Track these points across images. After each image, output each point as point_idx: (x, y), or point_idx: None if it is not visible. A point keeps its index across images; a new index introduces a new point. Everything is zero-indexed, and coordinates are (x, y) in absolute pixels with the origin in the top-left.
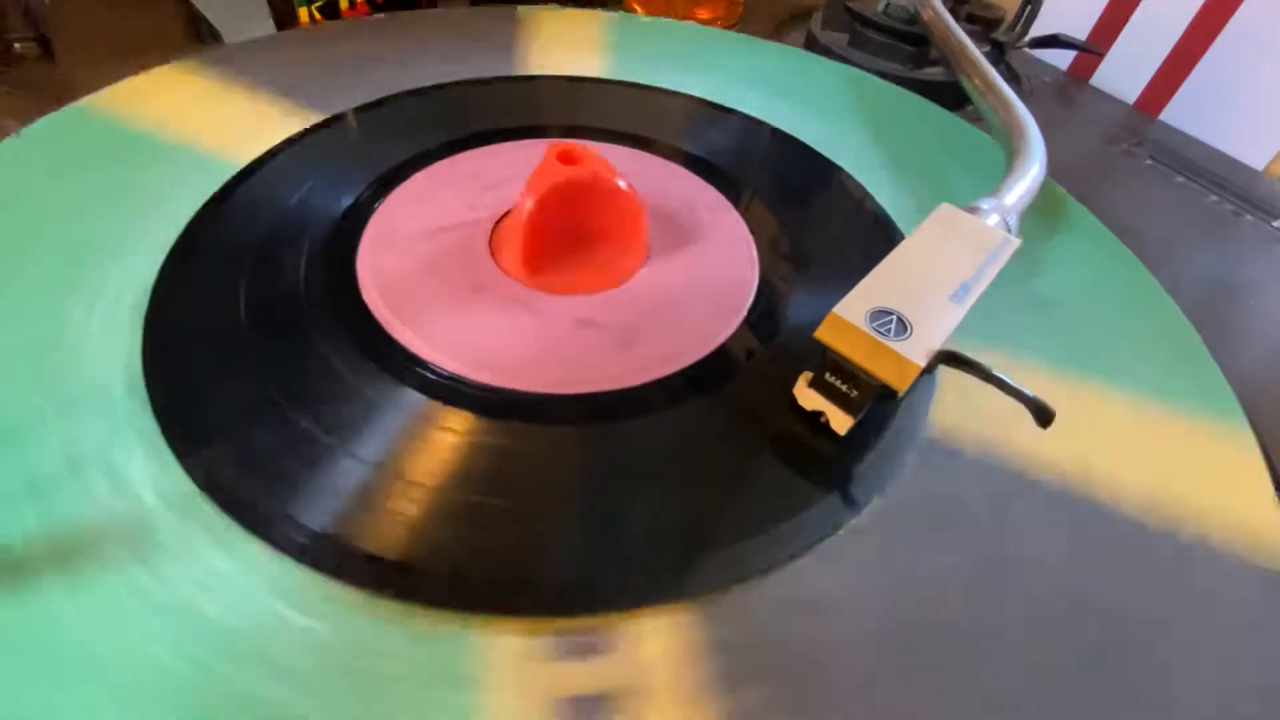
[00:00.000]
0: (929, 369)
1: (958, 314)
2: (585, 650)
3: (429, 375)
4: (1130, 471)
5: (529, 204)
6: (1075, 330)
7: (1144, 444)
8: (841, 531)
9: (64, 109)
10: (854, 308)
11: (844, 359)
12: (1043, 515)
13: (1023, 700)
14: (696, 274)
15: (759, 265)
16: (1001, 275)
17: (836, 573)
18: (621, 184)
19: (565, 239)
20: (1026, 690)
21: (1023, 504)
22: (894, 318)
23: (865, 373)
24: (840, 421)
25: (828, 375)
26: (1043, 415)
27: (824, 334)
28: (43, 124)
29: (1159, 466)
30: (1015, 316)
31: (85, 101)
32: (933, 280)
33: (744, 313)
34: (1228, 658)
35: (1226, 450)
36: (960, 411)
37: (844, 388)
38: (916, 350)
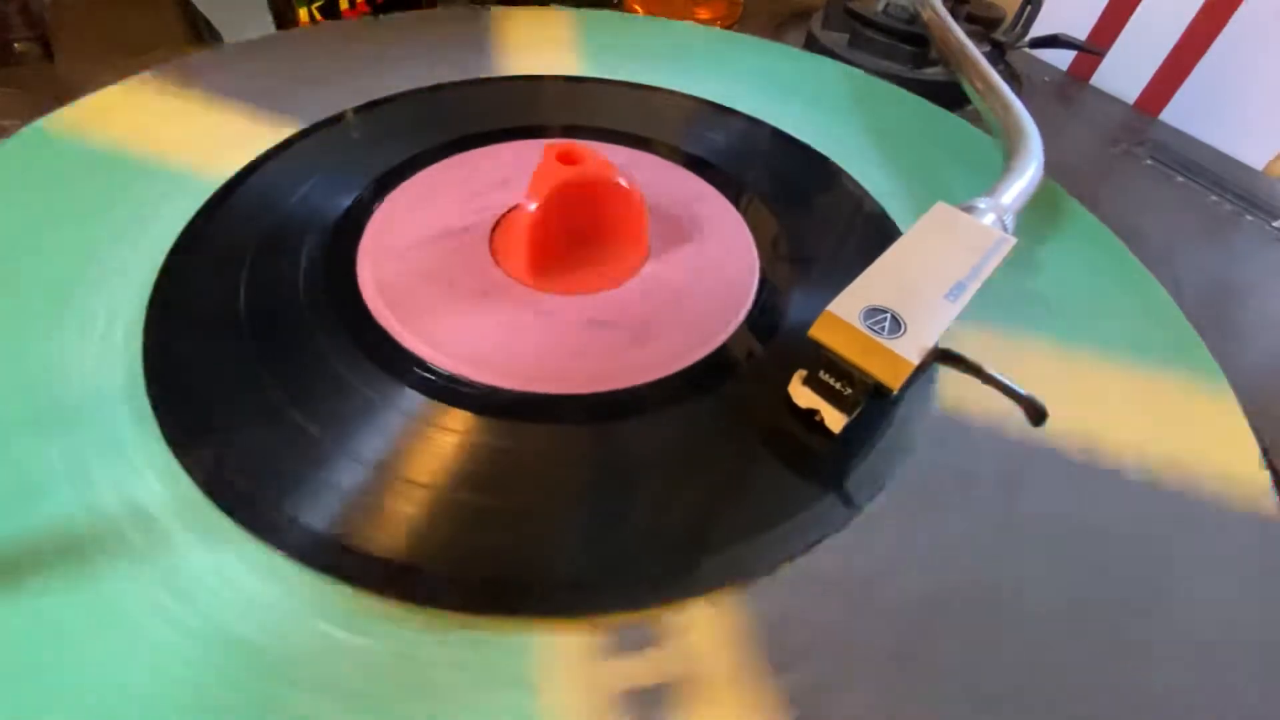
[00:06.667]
0: (923, 367)
1: (952, 312)
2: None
3: (429, 375)
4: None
5: (532, 207)
6: (1074, 330)
7: (1142, 430)
8: (851, 523)
9: (44, 117)
10: (848, 305)
11: (838, 357)
12: (1043, 515)
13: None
14: (697, 273)
15: (759, 264)
16: (999, 273)
17: (861, 552)
18: (622, 181)
19: (570, 240)
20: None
21: (1023, 504)
22: (888, 316)
23: (859, 370)
24: (834, 419)
25: (822, 373)
26: (1036, 414)
27: (818, 332)
28: (29, 131)
29: (1158, 440)
30: (1013, 315)
31: (74, 106)
32: (927, 278)
33: (745, 312)
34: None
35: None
36: (960, 403)
37: (838, 385)
38: (910, 348)
